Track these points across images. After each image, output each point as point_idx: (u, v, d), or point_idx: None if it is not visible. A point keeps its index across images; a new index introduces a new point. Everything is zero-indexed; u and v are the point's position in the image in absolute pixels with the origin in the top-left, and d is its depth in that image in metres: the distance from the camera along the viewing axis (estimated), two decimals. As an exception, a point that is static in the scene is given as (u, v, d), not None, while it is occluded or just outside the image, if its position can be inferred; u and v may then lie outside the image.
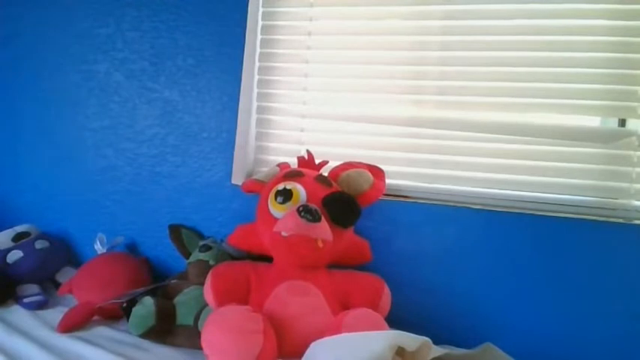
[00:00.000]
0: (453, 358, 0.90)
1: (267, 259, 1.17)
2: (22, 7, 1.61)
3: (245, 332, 0.90)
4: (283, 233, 1.06)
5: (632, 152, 1.17)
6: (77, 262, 1.51)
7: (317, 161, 1.28)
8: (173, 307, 1.14)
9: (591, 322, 1.17)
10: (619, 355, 1.14)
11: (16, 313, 1.22)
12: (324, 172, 1.25)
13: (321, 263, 1.13)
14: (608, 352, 1.15)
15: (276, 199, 1.12)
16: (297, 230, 1.03)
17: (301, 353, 0.88)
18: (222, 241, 1.31)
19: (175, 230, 1.37)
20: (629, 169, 1.17)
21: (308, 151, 1.29)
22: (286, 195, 1.11)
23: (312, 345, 0.88)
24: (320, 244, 1.05)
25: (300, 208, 1.05)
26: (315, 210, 1.05)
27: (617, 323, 1.15)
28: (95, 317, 1.21)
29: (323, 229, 1.05)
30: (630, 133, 1.18)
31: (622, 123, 1.24)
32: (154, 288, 1.26)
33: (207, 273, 1.11)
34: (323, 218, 1.06)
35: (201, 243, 1.29)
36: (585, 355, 1.16)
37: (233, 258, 1.26)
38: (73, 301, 1.26)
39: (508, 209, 1.23)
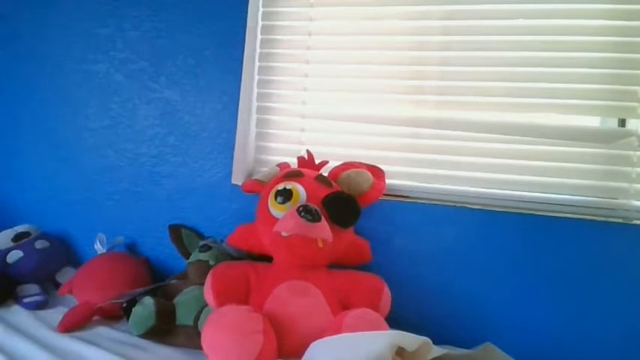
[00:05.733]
0: (453, 358, 0.90)
1: (267, 259, 1.17)
2: (22, 7, 1.61)
3: (245, 332, 0.90)
4: (283, 233, 1.06)
5: (631, 152, 1.17)
6: (77, 262, 1.51)
7: (317, 161, 1.28)
8: (173, 307, 1.14)
9: (591, 321, 1.17)
10: (619, 355, 1.14)
11: (16, 313, 1.22)
12: (324, 172, 1.25)
13: (321, 263, 1.13)
14: (607, 352, 1.15)
15: (276, 199, 1.12)
16: (297, 230, 1.03)
17: (301, 353, 0.88)
18: (222, 241, 1.31)
19: (175, 230, 1.37)
20: (629, 169, 1.17)
21: (308, 151, 1.29)
22: (286, 195, 1.11)
23: (312, 345, 0.88)
24: (320, 244, 1.05)
25: (300, 208, 1.05)
26: (315, 210, 1.05)
27: (617, 323, 1.15)
28: (95, 317, 1.21)
29: (323, 229, 1.05)
30: (630, 133, 1.18)
31: (622, 123, 1.24)
32: (153, 288, 1.26)
33: (207, 273, 1.11)
34: (323, 218, 1.06)
35: (201, 243, 1.29)
36: (585, 354, 1.16)
37: (233, 258, 1.26)
38: (73, 301, 1.26)
39: (508, 209, 1.23)
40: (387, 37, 1.33)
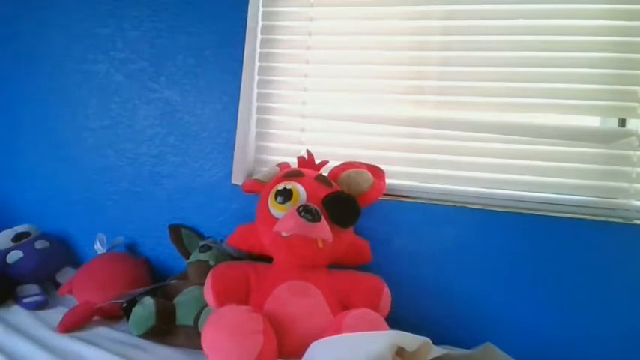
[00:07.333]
0: (453, 358, 0.90)
1: (267, 259, 1.17)
2: (22, 7, 1.61)
3: (245, 332, 0.90)
4: (283, 233, 1.06)
5: (631, 152, 1.17)
6: (77, 262, 1.51)
7: (317, 161, 1.28)
8: (173, 307, 1.14)
9: (590, 321, 1.17)
10: (618, 355, 1.14)
11: (16, 313, 1.22)
12: (324, 172, 1.25)
13: (321, 263, 1.13)
14: (607, 352, 1.15)
15: (276, 199, 1.11)
16: (297, 230, 1.03)
17: (301, 353, 0.88)
18: (222, 241, 1.31)
19: (175, 230, 1.37)
20: (629, 169, 1.17)
21: (308, 151, 1.29)
22: (286, 195, 1.10)
23: (312, 345, 0.88)
24: (320, 244, 1.05)
25: (300, 208, 1.04)
26: (315, 210, 1.05)
27: (617, 323, 1.15)
28: (95, 317, 1.21)
29: (323, 229, 1.05)
30: (630, 133, 1.18)
31: (622, 123, 1.24)
32: (153, 288, 1.26)
33: (207, 273, 1.11)
34: (323, 218, 1.05)
35: (201, 243, 1.29)
36: (584, 354, 1.16)
37: (233, 258, 1.26)
38: (73, 301, 1.26)
39: (508, 209, 1.22)
40: (387, 37, 1.33)
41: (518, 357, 0.93)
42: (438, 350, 0.85)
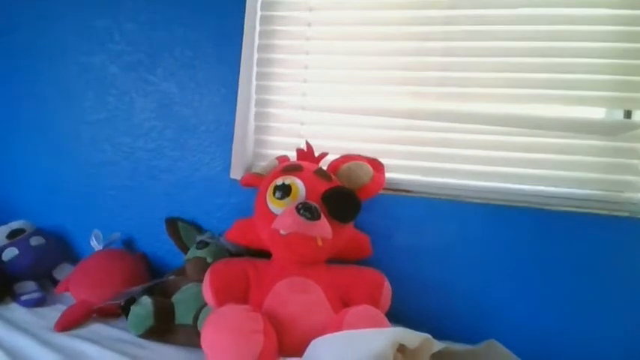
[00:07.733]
0: (456, 354, 0.89)
1: (266, 254, 1.15)
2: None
3: (245, 332, 0.88)
4: (282, 232, 1.04)
5: (638, 144, 1.15)
6: (74, 258, 1.50)
7: (316, 154, 1.25)
8: (172, 306, 1.13)
9: (595, 317, 1.16)
10: (624, 351, 1.13)
11: (14, 310, 1.21)
12: (324, 164, 1.23)
13: (321, 259, 1.11)
14: (613, 348, 1.14)
15: (274, 194, 1.09)
16: (296, 229, 1.01)
17: (302, 351, 0.87)
18: (220, 235, 1.29)
19: (172, 224, 1.35)
20: (635, 161, 1.15)
21: (307, 143, 1.26)
22: (285, 190, 1.08)
23: (313, 342, 0.87)
24: (319, 243, 1.03)
25: (300, 206, 1.02)
26: (315, 208, 1.02)
27: (622, 318, 1.14)
28: (93, 315, 1.19)
29: (322, 227, 1.02)
30: (636, 125, 1.15)
31: (628, 114, 1.22)
32: (152, 285, 1.24)
33: (205, 270, 1.09)
34: (322, 216, 1.03)
35: (199, 239, 1.27)
36: (590, 351, 1.14)
37: (231, 254, 1.24)
38: (71, 297, 1.25)
39: (511, 203, 1.21)
40: (388, 27, 1.30)
41: (522, 354, 0.92)
42: (440, 345, 0.84)
